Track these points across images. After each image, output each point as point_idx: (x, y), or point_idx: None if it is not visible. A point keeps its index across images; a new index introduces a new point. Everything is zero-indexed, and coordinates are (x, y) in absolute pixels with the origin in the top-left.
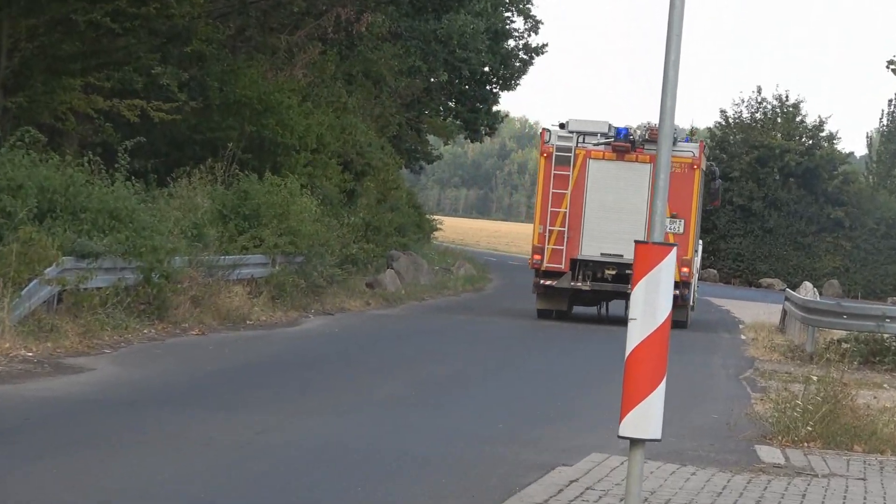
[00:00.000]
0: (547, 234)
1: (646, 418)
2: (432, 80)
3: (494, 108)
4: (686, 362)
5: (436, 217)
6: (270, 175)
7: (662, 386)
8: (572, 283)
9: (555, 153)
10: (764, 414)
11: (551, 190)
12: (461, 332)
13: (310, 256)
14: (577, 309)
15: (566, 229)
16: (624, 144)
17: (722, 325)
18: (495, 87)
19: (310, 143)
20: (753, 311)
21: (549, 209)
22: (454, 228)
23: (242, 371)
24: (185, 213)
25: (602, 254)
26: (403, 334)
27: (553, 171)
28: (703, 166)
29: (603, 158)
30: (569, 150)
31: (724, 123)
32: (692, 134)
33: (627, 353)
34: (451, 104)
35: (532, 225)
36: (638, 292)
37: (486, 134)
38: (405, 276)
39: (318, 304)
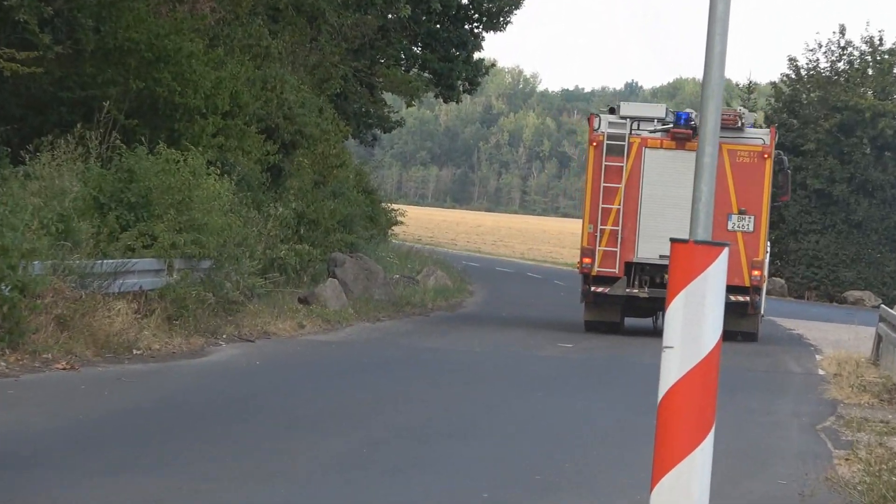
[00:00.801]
0: (598, 234)
1: (685, 486)
2: (390, 16)
3: (476, 56)
4: (742, 407)
5: (396, 206)
6: (165, 148)
7: (709, 441)
8: (627, 290)
9: (606, 142)
10: (851, 479)
11: (602, 184)
12: (430, 367)
13: (221, 261)
14: (629, 321)
15: (620, 228)
16: (684, 131)
17: (792, 354)
18: (477, 27)
19: (220, 103)
20: (835, 337)
21: (600, 206)
22: (422, 222)
23: (127, 420)
24: (48, 201)
25: (661, 256)
26: (350, 369)
27: (604, 163)
28: (774, 155)
29: (660, 147)
30: (622, 138)
31: (793, 77)
32: (749, 91)
33: (661, 394)
34: (417, 50)
35: (580, 224)
36: (675, 311)
37: (464, 91)
38: (353, 289)
39: (232, 327)
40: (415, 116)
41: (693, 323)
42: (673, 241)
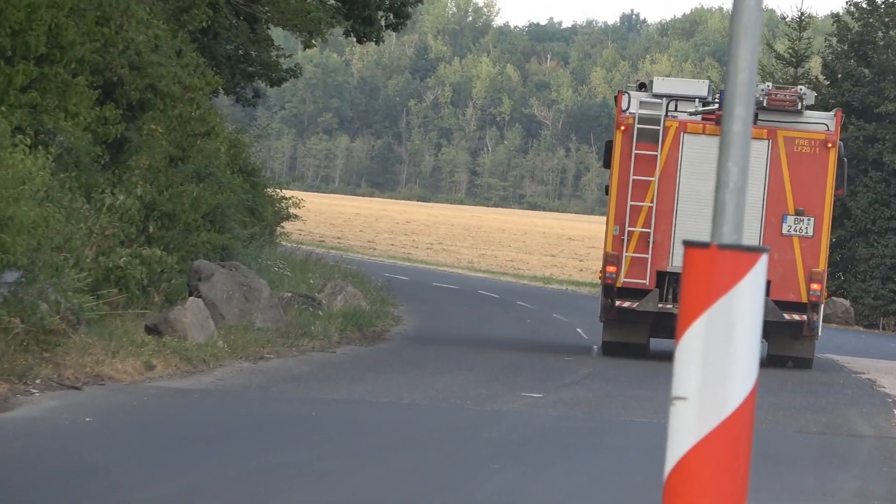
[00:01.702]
0: (625, 237)
1: None
2: None
3: None
4: (788, 486)
5: (288, 194)
6: None
7: None
8: (660, 305)
9: (636, 125)
10: None
11: (631, 176)
12: (337, 429)
13: (33, 272)
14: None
15: (652, 231)
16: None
17: (860, 409)
18: None
19: (33, 43)
20: None
21: (629, 203)
22: (326, 216)
23: None
24: None
25: None
26: (220, 433)
27: (634, 151)
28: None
29: (703, 133)
30: (656, 120)
31: (865, 6)
32: (801, 27)
33: (668, 468)
34: None
35: (604, 225)
36: (690, 345)
37: (388, 27)
38: (225, 312)
39: (49, 368)
40: (316, 63)
41: (716, 363)
42: (687, 244)
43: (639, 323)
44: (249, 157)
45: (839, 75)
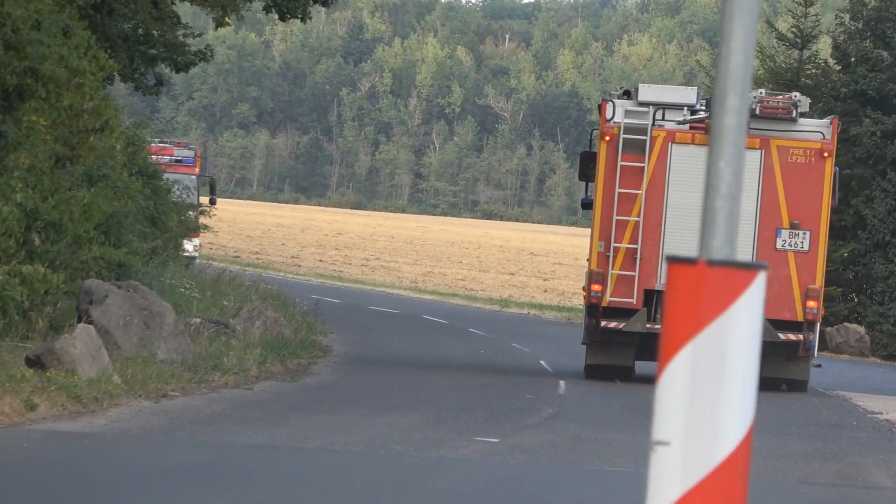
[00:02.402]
0: (611, 253)
1: None
2: None
3: None
4: None
5: (199, 203)
6: None
7: None
8: (648, 326)
9: (622, 135)
10: None
11: (617, 189)
12: (256, 482)
13: None
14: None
15: (639, 247)
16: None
17: (877, 455)
18: None
19: None
20: None
21: (614, 218)
22: (242, 226)
23: None
24: None
25: None
26: (117, 484)
27: (619, 162)
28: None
29: (692, 143)
30: (643, 130)
31: None
32: (807, 2)
33: None
34: None
35: (588, 240)
36: (673, 380)
37: (315, 2)
38: (121, 342)
39: None
40: (230, 44)
41: (704, 401)
42: (672, 260)
43: (624, 344)
44: (150, 156)
45: (852, 59)
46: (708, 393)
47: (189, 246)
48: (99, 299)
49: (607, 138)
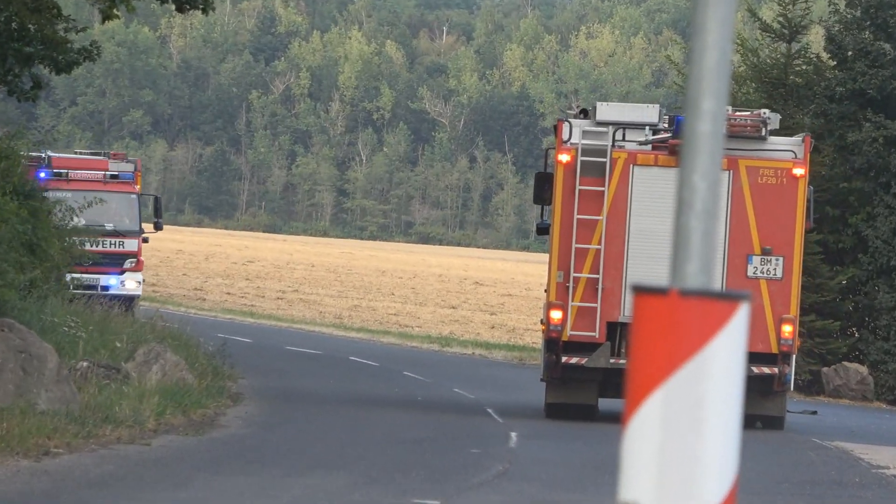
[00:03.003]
0: (571, 284)
1: None
2: None
3: None
4: None
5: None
6: None
7: None
8: (612, 361)
9: (580, 158)
10: None
11: (575, 215)
12: None
13: None
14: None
15: (600, 277)
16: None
17: None
18: None
19: None
20: None
21: (574, 246)
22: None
23: None
24: None
25: None
26: None
27: (578, 186)
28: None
29: (655, 164)
30: (602, 152)
31: None
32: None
33: None
34: None
35: (546, 268)
36: (641, 432)
37: None
38: None
39: None
40: (119, 41)
41: (679, 456)
42: (638, 291)
43: (587, 381)
44: (27, 172)
45: (849, 53)
46: (683, 445)
47: (131, 282)
48: None
49: (564, 161)
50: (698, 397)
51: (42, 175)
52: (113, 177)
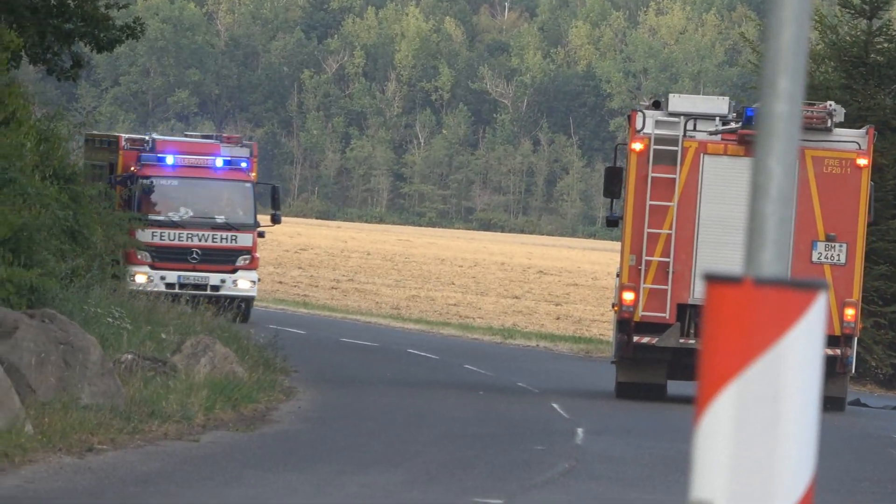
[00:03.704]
0: (642, 267)
1: None
2: None
3: None
4: None
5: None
6: None
7: None
8: (681, 341)
9: (652, 146)
10: None
11: (648, 202)
12: None
13: None
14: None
15: (671, 260)
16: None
17: None
18: None
19: None
20: None
21: (646, 231)
22: None
23: None
24: None
25: None
26: None
27: (650, 174)
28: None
29: (724, 154)
30: (674, 141)
31: None
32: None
33: None
34: None
35: (619, 254)
36: (714, 428)
37: None
38: (36, 383)
39: None
40: (164, 17)
41: (754, 453)
42: (710, 279)
43: (657, 361)
44: (68, 155)
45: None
46: (758, 441)
47: (244, 282)
48: (6, 332)
49: (637, 149)
50: (774, 391)
51: (143, 160)
52: (225, 163)
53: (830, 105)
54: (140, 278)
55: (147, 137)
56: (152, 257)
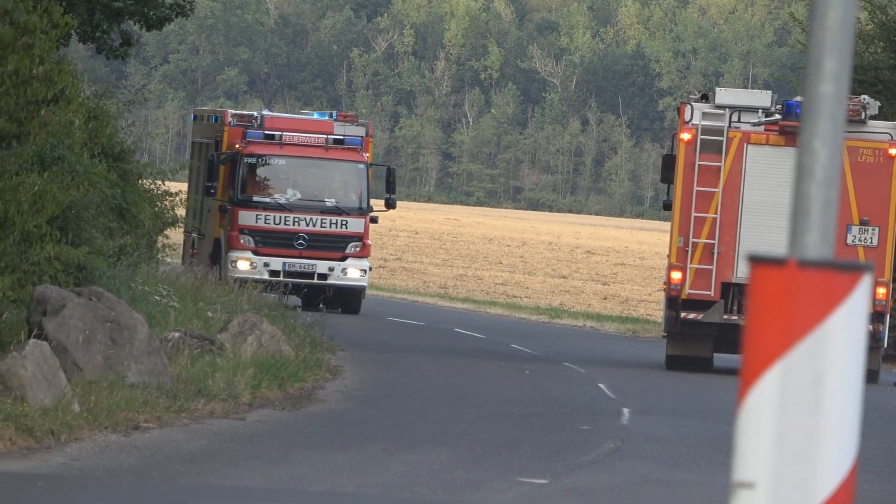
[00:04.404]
0: (690, 248)
1: None
2: None
3: None
4: None
5: (176, 188)
6: None
7: None
8: (725, 317)
9: (700, 136)
10: None
11: (695, 187)
12: None
13: None
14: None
15: (716, 242)
16: (796, 124)
17: None
18: None
19: None
20: None
21: (693, 214)
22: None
23: None
24: None
25: None
26: None
27: (697, 162)
28: None
29: (766, 143)
30: (720, 131)
31: None
32: None
33: None
34: None
35: (668, 234)
36: (757, 410)
37: None
38: (83, 361)
39: None
40: None
41: (797, 434)
42: (755, 260)
43: (703, 336)
44: (117, 133)
45: None
46: (801, 423)
47: (354, 270)
48: (54, 309)
49: (686, 139)
50: (818, 373)
51: (249, 137)
52: (337, 142)
53: (864, 98)
54: (243, 264)
55: (256, 114)
56: (255, 242)
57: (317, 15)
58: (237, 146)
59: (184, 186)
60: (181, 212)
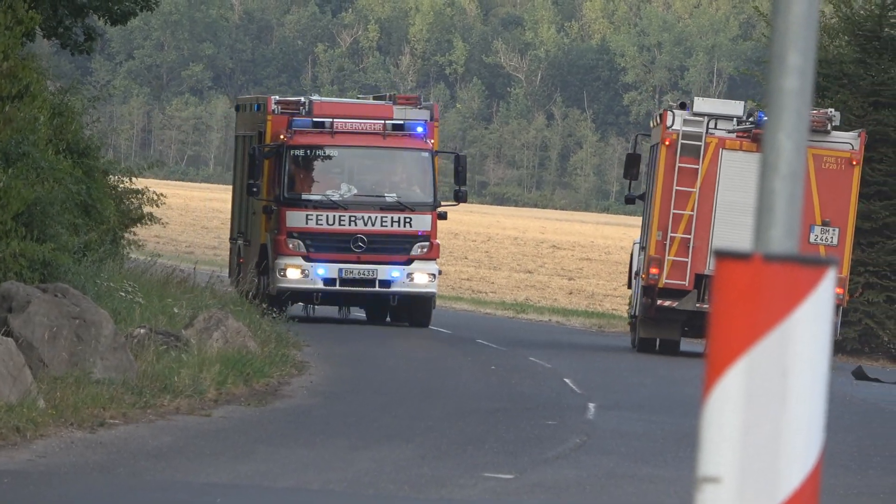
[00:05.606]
0: (667, 242)
1: None
2: None
3: None
4: None
5: (143, 184)
6: None
7: None
8: (697, 305)
9: (680, 141)
10: None
11: (674, 187)
12: None
13: None
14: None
15: (692, 237)
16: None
17: None
18: None
19: None
20: None
21: (671, 211)
22: (199, 215)
23: None
24: None
25: None
26: None
27: (677, 164)
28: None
29: (740, 149)
30: (698, 137)
31: None
32: None
33: None
34: None
35: (640, 228)
36: (722, 403)
37: None
38: (48, 358)
39: None
40: None
41: (762, 428)
42: (720, 255)
43: (672, 321)
44: (81, 129)
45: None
46: (766, 418)
47: (421, 275)
48: (19, 306)
49: (667, 143)
50: (783, 367)
51: (295, 126)
52: (397, 127)
53: (830, 111)
54: (293, 273)
55: (303, 99)
56: (306, 247)
57: (281, 10)
58: (282, 137)
59: (149, 183)
60: (148, 209)
